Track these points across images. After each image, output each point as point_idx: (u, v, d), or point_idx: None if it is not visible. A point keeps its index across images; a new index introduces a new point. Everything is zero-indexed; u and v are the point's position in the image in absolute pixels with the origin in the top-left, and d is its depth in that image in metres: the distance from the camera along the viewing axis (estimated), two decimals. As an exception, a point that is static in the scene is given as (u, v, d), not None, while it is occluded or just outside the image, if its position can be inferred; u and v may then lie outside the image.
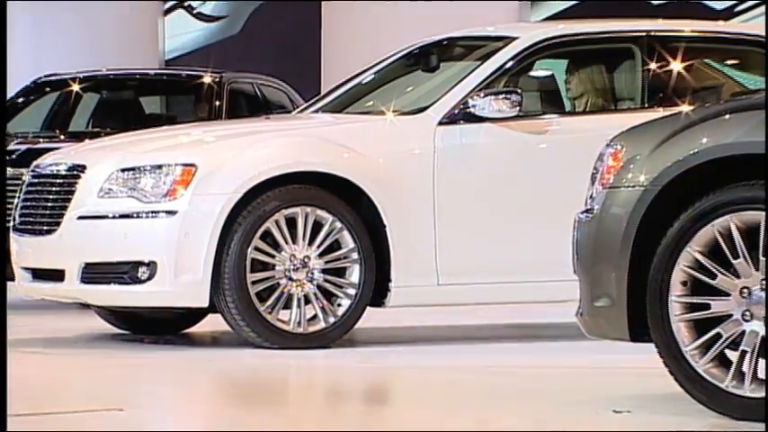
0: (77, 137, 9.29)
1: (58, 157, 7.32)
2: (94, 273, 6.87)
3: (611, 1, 11.73)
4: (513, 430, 4.66)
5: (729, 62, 7.76)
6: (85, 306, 7.70)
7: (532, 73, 7.45)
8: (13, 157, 9.14)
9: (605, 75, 7.61)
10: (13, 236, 7.34)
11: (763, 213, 4.45)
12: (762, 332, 4.47)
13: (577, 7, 12.12)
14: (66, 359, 6.90)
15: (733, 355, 4.52)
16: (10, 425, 4.79)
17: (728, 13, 10.83)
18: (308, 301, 6.75)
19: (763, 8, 10.78)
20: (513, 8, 12.45)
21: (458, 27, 8.35)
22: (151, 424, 4.92)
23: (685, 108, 6.56)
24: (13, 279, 9.02)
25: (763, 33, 7.78)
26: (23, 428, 4.77)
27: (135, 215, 6.77)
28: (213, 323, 7.43)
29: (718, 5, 11.00)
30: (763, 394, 4.46)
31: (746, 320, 4.49)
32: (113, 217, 6.81)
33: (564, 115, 7.35)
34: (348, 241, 6.77)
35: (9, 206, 7.83)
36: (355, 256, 6.78)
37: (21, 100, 10.72)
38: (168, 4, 17.59)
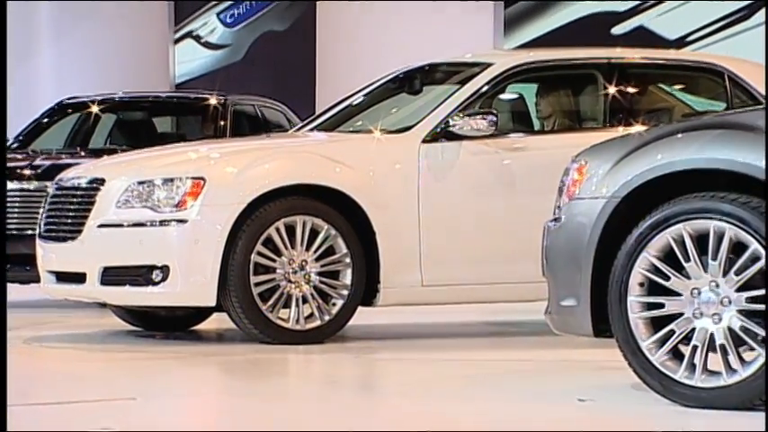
0: (96, 153, 9.27)
1: (80, 172, 7.32)
2: (113, 275, 6.86)
3: (576, 31, 11.74)
4: (488, 416, 4.68)
5: (679, 86, 7.78)
6: (103, 305, 7.70)
7: (506, 95, 7.45)
8: (39, 171, 9.13)
9: (571, 97, 7.63)
10: (38, 242, 7.33)
11: (711, 222, 4.48)
12: (712, 329, 4.50)
13: (546, 36, 12.12)
14: (86, 353, 6.91)
15: (685, 350, 4.53)
16: (36, 413, 4.80)
17: (680, 43, 10.85)
18: (305, 301, 6.74)
19: (704, 41, 10.81)
20: (488, 37, 12.46)
21: (439, 54, 8.37)
22: (162, 412, 4.93)
23: (642, 128, 6.62)
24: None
25: (712, 60, 7.81)
26: (49, 415, 4.78)
27: (149, 224, 6.76)
28: (219, 321, 7.44)
29: (671, 36, 11.01)
30: (711, 384, 4.48)
31: (697, 318, 4.52)
32: (130, 225, 6.80)
33: (534, 134, 7.37)
34: (341, 247, 6.78)
35: (35, 216, 7.83)
36: (348, 260, 6.78)
37: (45, 120, 10.70)
38: (178, 34, 17.56)
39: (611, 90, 7.34)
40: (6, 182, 9.24)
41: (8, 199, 9.16)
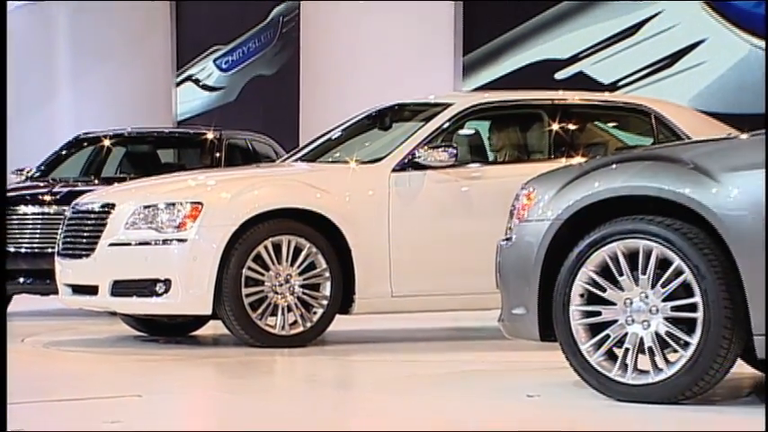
0: (108, 181, 9.25)
1: (93, 197, 7.29)
2: (122, 288, 6.83)
3: (524, 76, 11.79)
4: (449, 410, 4.68)
5: (613, 124, 7.82)
6: (113, 314, 7.68)
7: (464, 131, 7.47)
8: (58, 197, 9.10)
9: (520, 133, 7.66)
10: (57, 259, 7.30)
11: (641, 241, 4.49)
12: (641, 334, 4.51)
13: (499, 80, 12.17)
14: (97, 356, 6.87)
15: (619, 352, 4.55)
16: (54, 410, 4.78)
17: (613, 87, 10.91)
18: (289, 310, 6.72)
19: (634, 85, 10.87)
20: (449, 81, 12.51)
21: (406, 95, 8.38)
22: (164, 407, 4.91)
23: (581, 159, 6.65)
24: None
25: (640, 102, 7.85)
26: (65, 410, 4.76)
27: (154, 242, 6.74)
28: (215, 327, 7.42)
29: (606, 80, 11.07)
30: (641, 382, 4.49)
31: (629, 324, 4.53)
32: (137, 244, 6.77)
33: (488, 164, 7.37)
34: (322, 263, 6.77)
35: (54, 236, 7.80)
36: (327, 274, 6.77)
37: (64, 152, 10.67)
38: (180, 78, 17.57)
39: (555, 127, 7.37)
40: (7, 198, 9.23)
41: (30, 221, 9.14)
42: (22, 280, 9.12)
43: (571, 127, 7.42)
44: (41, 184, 9.69)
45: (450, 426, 4.33)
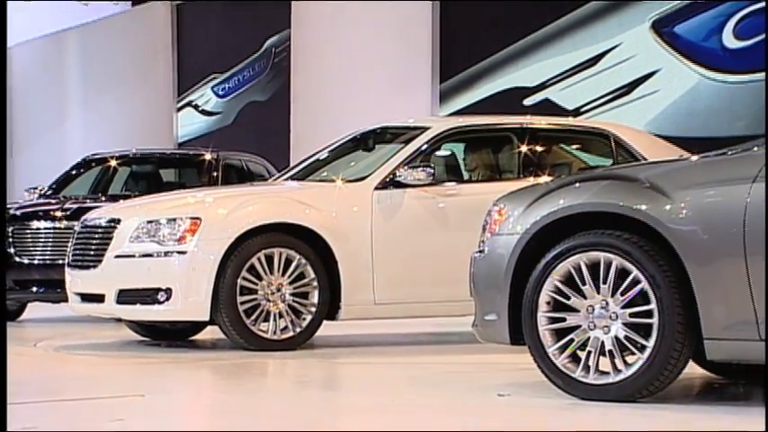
0: (114, 198, 9.23)
1: (101, 213, 7.27)
2: (126, 296, 6.80)
3: (496, 102, 11.82)
4: (427, 407, 4.67)
5: (576, 146, 7.84)
6: (118, 320, 7.65)
7: (441, 152, 7.48)
8: (68, 213, 9.09)
9: (492, 154, 7.67)
10: (67, 270, 7.27)
11: (602, 253, 4.49)
12: (602, 338, 4.52)
13: (472, 106, 12.20)
14: (103, 358, 6.84)
15: (582, 354, 4.55)
16: (64, 409, 4.75)
17: (576, 112, 10.94)
18: (281, 316, 6.71)
19: (595, 111, 10.92)
20: (426, 106, 12.53)
21: (388, 119, 8.39)
22: (166, 406, 4.89)
23: (548, 178, 6.66)
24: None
25: (601, 127, 7.88)
26: (74, 408, 4.73)
27: (156, 255, 6.72)
28: (212, 332, 7.40)
29: (570, 106, 11.11)
30: (602, 381, 4.49)
31: (591, 329, 4.54)
32: (140, 256, 6.75)
33: (463, 183, 7.38)
34: (310, 273, 6.75)
35: (65, 248, 7.78)
36: (315, 283, 6.76)
37: (74, 172, 10.65)
38: (180, 104, 17.56)
39: (524, 149, 7.38)
40: (21, 214, 9.21)
41: (43, 235, 9.12)
42: (35, 289, 9.09)
43: (538, 149, 7.43)
44: (53, 201, 9.66)
45: (428, 423, 4.32)
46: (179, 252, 6.66)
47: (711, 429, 4.00)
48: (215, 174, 10.14)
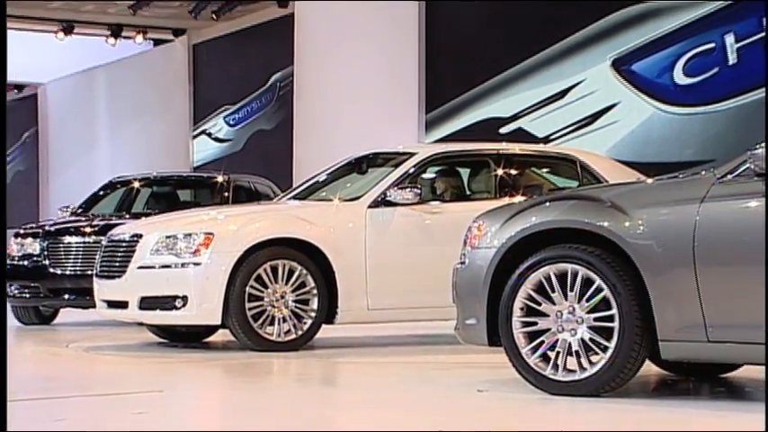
0: (137, 216, 9.20)
1: (125, 229, 7.24)
2: (147, 303, 6.78)
3: (475, 130, 11.84)
4: (414, 401, 4.66)
5: (546, 170, 7.84)
6: (140, 324, 7.61)
7: (426, 175, 7.47)
8: (96, 229, 9.06)
9: (471, 176, 7.67)
10: (95, 279, 7.25)
11: (569, 265, 4.49)
12: (570, 340, 4.51)
13: (455, 133, 12.21)
14: (127, 358, 6.81)
15: (551, 354, 4.54)
16: (92, 403, 4.73)
17: (546, 140, 10.97)
18: (284, 321, 6.69)
19: (563, 138, 10.94)
20: (414, 134, 12.54)
21: (379, 145, 8.39)
22: (181, 401, 4.87)
23: (521, 198, 6.67)
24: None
25: (568, 152, 7.89)
26: (101, 402, 4.71)
27: (174, 266, 6.69)
28: (223, 335, 7.38)
29: (540, 134, 11.13)
30: (569, 378, 4.48)
31: (560, 332, 4.53)
32: (160, 267, 6.73)
33: (446, 202, 7.38)
34: (311, 282, 6.73)
35: (93, 260, 7.76)
36: (315, 291, 6.73)
37: (101, 192, 10.61)
38: (196, 132, 17.56)
39: (500, 172, 7.37)
40: (54, 230, 9.19)
41: (74, 249, 9.09)
42: (66, 296, 9.06)
43: (513, 172, 7.42)
44: (83, 219, 9.64)
45: (415, 414, 4.31)
46: (194, 263, 6.64)
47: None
48: (226, 194, 10.13)
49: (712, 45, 9.60)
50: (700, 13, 9.70)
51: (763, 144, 4.14)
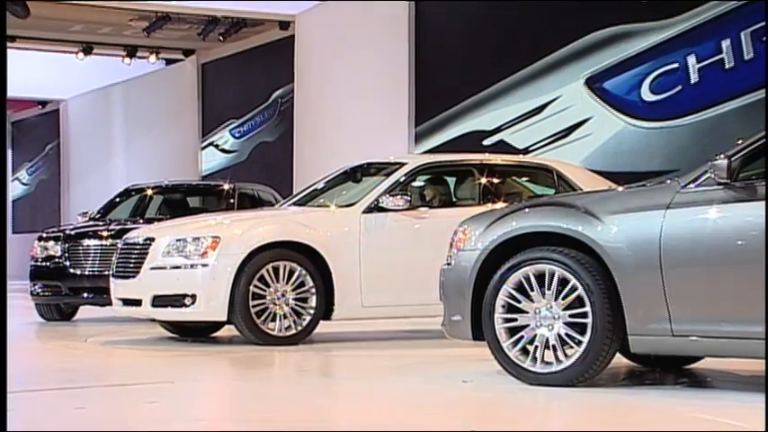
0: (150, 221, 9.19)
1: (139, 233, 7.22)
2: (160, 301, 6.76)
3: (460, 142, 11.84)
4: (404, 390, 4.66)
5: (525, 179, 7.85)
6: (153, 320, 7.59)
7: (416, 183, 7.47)
8: (112, 233, 9.05)
9: (457, 184, 7.67)
10: (111, 279, 7.23)
11: (547, 266, 4.49)
12: (547, 334, 4.51)
13: (442, 145, 12.21)
14: (140, 351, 6.79)
15: (530, 348, 4.54)
16: (109, 392, 4.71)
17: (525, 151, 10.98)
18: (285, 317, 6.67)
19: (541, 149, 10.95)
20: (404, 145, 12.54)
21: (373, 156, 8.38)
22: (191, 390, 4.85)
23: (502, 205, 6.67)
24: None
25: (545, 163, 7.89)
26: (116, 392, 4.69)
27: (183, 267, 6.67)
28: (229, 330, 7.36)
29: (520, 146, 11.14)
30: (547, 370, 4.47)
31: (538, 327, 4.53)
32: (171, 268, 6.71)
33: (434, 208, 7.37)
34: (309, 281, 6.72)
35: (109, 262, 7.74)
36: (313, 290, 6.73)
37: (117, 199, 10.60)
38: (204, 143, 17.54)
39: (483, 180, 7.38)
40: (75, 234, 9.17)
41: (92, 251, 9.08)
42: (85, 295, 9.05)
43: (495, 180, 7.42)
44: (100, 224, 9.62)
45: (405, 402, 4.30)
46: (202, 265, 6.62)
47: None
48: (232, 201, 10.11)
49: (676, 65, 9.64)
50: (665, 36, 9.73)
51: (722, 156, 4.15)
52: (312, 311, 6.72)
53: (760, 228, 4.01)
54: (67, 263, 9.05)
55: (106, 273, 7.99)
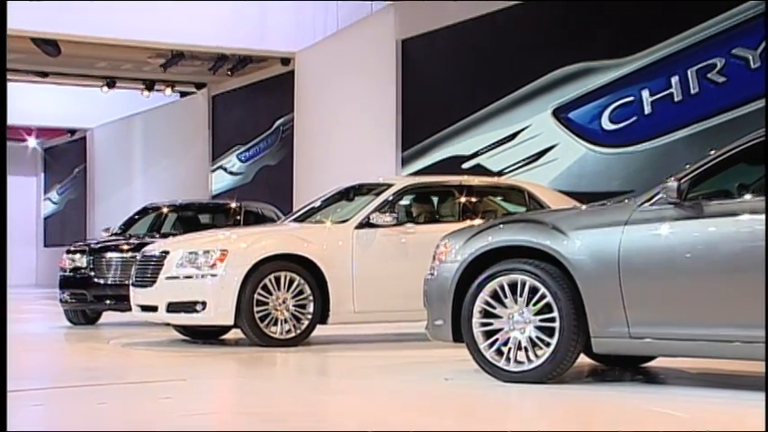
0: (165, 236, 9.14)
1: (155, 247, 7.18)
2: (174, 307, 6.72)
3: (442, 166, 11.85)
4: (391, 387, 4.64)
5: (500, 198, 7.85)
6: (167, 325, 7.55)
7: (402, 202, 7.46)
8: (132, 246, 9.01)
9: (439, 203, 7.67)
10: (131, 288, 7.18)
11: (519, 276, 4.48)
12: (519, 337, 4.50)
13: (426, 168, 12.22)
14: (156, 352, 6.73)
15: (504, 349, 4.53)
16: (127, 389, 4.67)
17: (500, 173, 11.00)
18: (286, 322, 6.64)
19: (514, 172, 10.97)
20: (392, 167, 12.56)
21: (364, 178, 8.38)
22: (201, 387, 4.81)
23: (479, 221, 6.66)
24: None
25: (518, 184, 7.89)
26: (133, 389, 4.66)
27: (195, 276, 6.63)
28: (235, 333, 7.31)
29: (495, 169, 11.16)
30: (519, 369, 4.46)
31: (511, 331, 4.52)
32: (184, 278, 6.68)
33: (419, 224, 7.36)
34: (307, 290, 6.69)
35: (129, 272, 7.70)
36: (311, 297, 6.69)
37: (136, 216, 10.55)
38: (214, 167, 17.51)
39: (462, 199, 7.37)
40: (99, 248, 9.13)
41: (114, 263, 9.04)
42: (108, 302, 9.00)
43: (473, 200, 7.42)
44: (121, 238, 9.57)
45: (393, 397, 4.28)
46: (212, 275, 6.59)
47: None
48: (238, 217, 10.11)
49: (632, 98, 9.70)
50: (622, 72, 9.81)
51: (672, 178, 4.17)
52: (310, 316, 6.70)
53: (705, 242, 4.03)
54: (92, 273, 9.02)
55: (126, 282, 7.95)
